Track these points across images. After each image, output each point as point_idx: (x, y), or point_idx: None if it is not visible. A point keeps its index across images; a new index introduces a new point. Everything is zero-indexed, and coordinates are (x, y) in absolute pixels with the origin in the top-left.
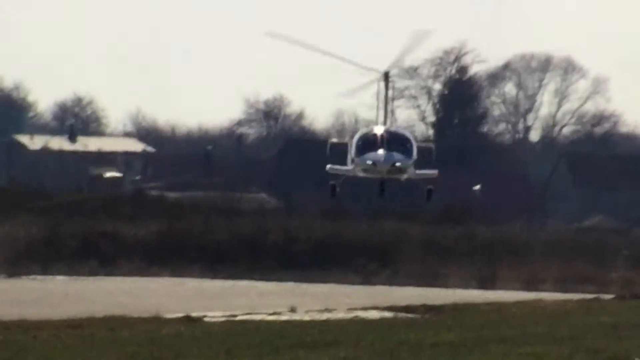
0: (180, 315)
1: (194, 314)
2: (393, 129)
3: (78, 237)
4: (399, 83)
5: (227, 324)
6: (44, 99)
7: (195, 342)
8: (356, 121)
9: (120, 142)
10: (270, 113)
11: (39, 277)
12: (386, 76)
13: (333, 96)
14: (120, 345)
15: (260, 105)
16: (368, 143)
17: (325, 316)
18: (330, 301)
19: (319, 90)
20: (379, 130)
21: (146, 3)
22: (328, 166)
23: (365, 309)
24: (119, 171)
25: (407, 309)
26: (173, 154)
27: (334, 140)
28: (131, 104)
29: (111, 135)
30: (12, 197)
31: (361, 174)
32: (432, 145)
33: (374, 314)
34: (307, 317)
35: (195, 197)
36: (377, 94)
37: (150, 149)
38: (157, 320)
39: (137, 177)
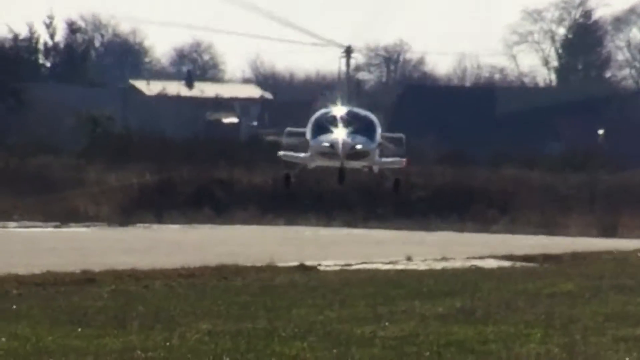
0: (294, 263)
1: (308, 263)
2: (355, 109)
3: (193, 185)
4: (521, 28)
5: (342, 272)
6: (161, 44)
7: (309, 291)
8: (478, 66)
9: (238, 88)
10: (391, 58)
11: (152, 225)
12: (348, 51)
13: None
14: (232, 295)
15: (380, 51)
16: (326, 124)
17: (441, 265)
18: (448, 250)
19: (439, 35)
20: (338, 111)
21: None
22: (281, 153)
23: (482, 257)
24: (236, 117)
25: (526, 257)
26: (290, 100)
27: (291, 128)
28: (250, 50)
29: (229, 81)
30: (126, 143)
31: (318, 161)
32: (402, 135)
33: (491, 263)
34: (423, 266)
35: None
36: (338, 70)
37: (267, 95)
38: (270, 269)
39: (254, 123)
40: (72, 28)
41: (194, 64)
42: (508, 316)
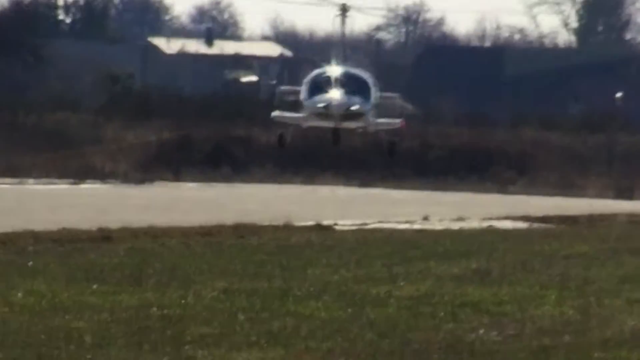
0: (310, 223)
1: (324, 222)
2: (350, 70)
3: (211, 142)
4: None
5: (358, 232)
6: (181, 2)
7: (325, 250)
8: (498, 27)
9: (258, 46)
10: (410, 18)
11: (170, 183)
12: (343, 9)
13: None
14: (248, 253)
15: (400, 10)
16: (320, 85)
17: (458, 225)
18: (465, 210)
19: None
20: (333, 71)
21: None
22: (274, 113)
23: (499, 218)
24: (255, 75)
25: (542, 219)
26: (310, 58)
27: (284, 87)
28: (270, 8)
29: (248, 39)
30: (145, 101)
31: (312, 122)
32: (396, 95)
33: (508, 224)
34: (440, 227)
35: None
36: (333, 28)
37: (287, 53)
38: (287, 228)
39: (273, 82)
40: None
41: (214, 22)
42: (523, 277)
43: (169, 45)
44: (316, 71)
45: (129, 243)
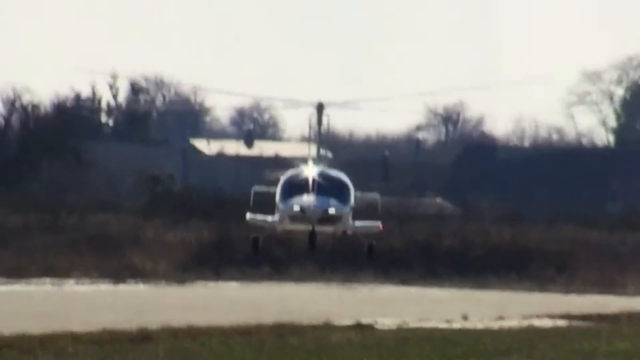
0: (350, 322)
1: (364, 321)
2: (326, 171)
3: (250, 242)
4: (579, 88)
5: (399, 331)
6: (222, 104)
7: (365, 349)
8: (537, 126)
9: (297, 147)
10: (450, 118)
11: (210, 283)
12: (320, 108)
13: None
14: (289, 353)
15: (440, 111)
16: (296, 186)
17: (498, 324)
18: (504, 309)
19: (499, 96)
20: (309, 171)
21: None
22: (248, 216)
23: (539, 316)
24: None
25: (582, 317)
26: (350, 159)
27: (258, 188)
28: (310, 109)
29: (288, 140)
30: (185, 201)
31: (287, 225)
32: (377, 195)
33: (547, 322)
34: (479, 325)
35: None
36: (309, 128)
37: (327, 154)
38: (327, 327)
39: None
40: (135, 88)
41: (254, 123)
42: None
43: (209, 147)
44: (291, 171)
45: (168, 343)
